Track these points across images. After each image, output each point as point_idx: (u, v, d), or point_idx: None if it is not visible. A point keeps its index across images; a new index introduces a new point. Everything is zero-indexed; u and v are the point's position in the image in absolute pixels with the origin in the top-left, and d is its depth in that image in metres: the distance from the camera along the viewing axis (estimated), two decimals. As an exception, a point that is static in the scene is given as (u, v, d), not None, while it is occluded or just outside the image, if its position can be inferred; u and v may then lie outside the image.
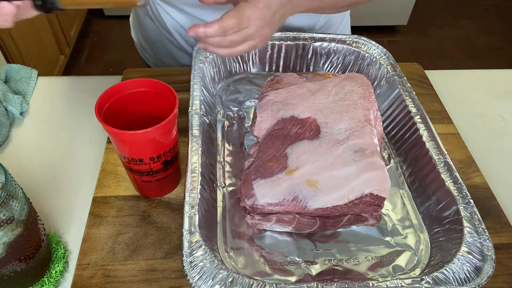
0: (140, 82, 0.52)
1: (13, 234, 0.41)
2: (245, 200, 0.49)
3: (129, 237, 0.53)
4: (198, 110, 0.58)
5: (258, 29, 0.48)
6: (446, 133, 0.69)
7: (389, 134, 0.66)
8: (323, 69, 0.75)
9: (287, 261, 0.50)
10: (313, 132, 0.54)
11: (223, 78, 0.73)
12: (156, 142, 0.49)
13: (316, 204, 0.48)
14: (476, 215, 0.49)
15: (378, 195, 0.48)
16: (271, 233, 0.53)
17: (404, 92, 0.64)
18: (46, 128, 0.68)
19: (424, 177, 0.56)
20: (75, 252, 0.52)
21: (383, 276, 0.49)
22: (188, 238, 0.44)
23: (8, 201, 0.39)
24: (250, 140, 0.63)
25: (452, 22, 2.62)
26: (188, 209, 0.47)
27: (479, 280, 0.43)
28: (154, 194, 0.58)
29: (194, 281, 0.41)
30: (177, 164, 0.56)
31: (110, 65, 2.21)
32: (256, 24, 0.48)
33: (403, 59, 2.26)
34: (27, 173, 0.61)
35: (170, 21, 0.78)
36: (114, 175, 0.60)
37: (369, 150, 0.51)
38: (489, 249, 0.46)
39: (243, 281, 0.42)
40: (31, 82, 0.74)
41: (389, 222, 0.55)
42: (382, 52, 0.71)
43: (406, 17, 2.42)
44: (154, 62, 0.92)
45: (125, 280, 0.49)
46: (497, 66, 2.28)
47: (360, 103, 0.57)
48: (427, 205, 0.55)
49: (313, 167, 0.50)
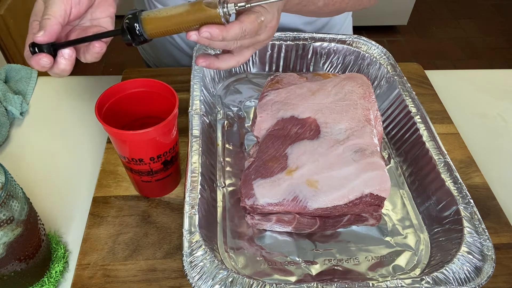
0: (140, 82, 0.52)
1: (13, 234, 0.41)
2: (245, 200, 0.49)
3: (129, 237, 0.53)
4: (198, 110, 0.58)
5: (267, 38, 0.47)
6: (446, 133, 0.69)
7: (389, 134, 0.66)
8: (323, 69, 0.75)
9: (287, 261, 0.50)
10: (313, 132, 0.54)
11: (223, 78, 0.73)
12: (156, 142, 0.49)
13: (316, 204, 0.48)
14: (476, 215, 0.49)
15: (378, 195, 0.48)
16: (271, 233, 0.53)
17: (404, 92, 0.64)
18: (46, 128, 0.68)
19: (424, 177, 0.56)
20: (75, 252, 0.52)
21: (383, 276, 0.49)
22: (188, 238, 0.44)
23: (8, 201, 0.39)
24: (250, 140, 0.63)
25: (452, 22, 2.62)
26: (188, 209, 0.47)
27: (479, 280, 0.43)
28: (154, 194, 0.58)
29: (194, 281, 0.41)
30: (177, 164, 0.56)
31: (110, 65, 2.20)
32: (268, 34, 0.46)
33: (403, 59, 2.26)
34: (27, 173, 0.61)
35: None
36: (114, 175, 0.60)
37: (369, 150, 0.51)
38: (489, 249, 0.46)
39: (243, 281, 0.42)
40: (31, 82, 0.74)
41: (389, 222, 0.55)
42: (382, 52, 0.71)
43: (406, 17, 2.42)
44: (155, 62, 0.92)
45: (125, 280, 0.49)
46: (497, 66, 2.28)
47: (360, 103, 0.57)
48: (427, 205, 0.55)
49: (313, 167, 0.50)
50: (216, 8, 0.40)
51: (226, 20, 0.41)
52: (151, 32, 0.42)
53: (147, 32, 0.42)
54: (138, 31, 0.41)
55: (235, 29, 0.42)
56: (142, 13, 0.42)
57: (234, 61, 0.47)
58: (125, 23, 0.42)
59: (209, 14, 0.40)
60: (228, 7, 0.40)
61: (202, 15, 0.40)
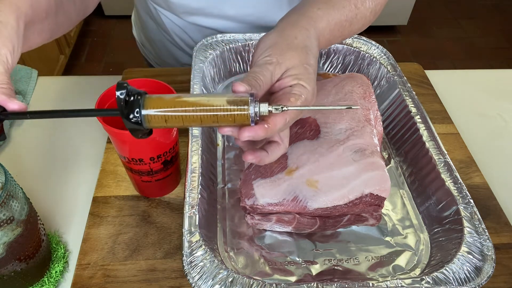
0: (140, 82, 0.52)
1: (13, 234, 0.41)
2: (245, 200, 0.49)
3: (129, 237, 0.53)
4: (198, 110, 0.58)
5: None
6: (446, 133, 0.69)
7: (389, 134, 0.66)
8: (323, 69, 0.75)
9: (287, 261, 0.50)
10: (313, 132, 0.54)
11: (223, 78, 0.73)
12: (156, 142, 0.49)
13: (316, 204, 0.48)
14: (476, 215, 0.49)
15: (378, 195, 0.48)
16: (271, 233, 0.53)
17: (404, 92, 0.64)
18: (46, 128, 0.68)
19: (424, 177, 0.56)
20: (75, 252, 0.52)
21: (383, 276, 0.49)
22: (188, 238, 0.44)
23: (8, 201, 0.39)
24: (250, 140, 0.63)
25: (452, 22, 2.62)
26: (188, 209, 0.47)
27: (479, 280, 0.43)
28: (154, 194, 0.58)
29: (194, 281, 0.41)
30: (177, 164, 0.56)
31: (110, 65, 2.21)
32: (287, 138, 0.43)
33: (403, 59, 2.26)
34: (27, 173, 0.61)
35: (169, 24, 0.78)
36: (114, 175, 0.60)
37: (369, 150, 0.51)
38: (489, 249, 0.46)
39: (243, 281, 0.42)
40: (31, 82, 0.74)
41: (389, 222, 0.55)
42: (382, 52, 0.71)
43: (406, 17, 2.42)
44: (155, 60, 0.92)
45: (125, 280, 0.49)
46: (497, 66, 2.28)
47: (360, 103, 0.57)
48: (427, 205, 0.55)
49: (313, 167, 0.50)
50: (244, 108, 0.35)
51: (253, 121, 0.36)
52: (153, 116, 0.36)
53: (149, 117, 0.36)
54: (137, 112, 0.35)
55: (279, 125, 0.38)
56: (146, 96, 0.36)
57: (282, 150, 0.43)
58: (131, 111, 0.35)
59: (237, 114, 0.35)
60: (260, 107, 0.35)
61: (228, 118, 0.35)
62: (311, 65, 0.42)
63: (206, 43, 0.69)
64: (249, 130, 0.37)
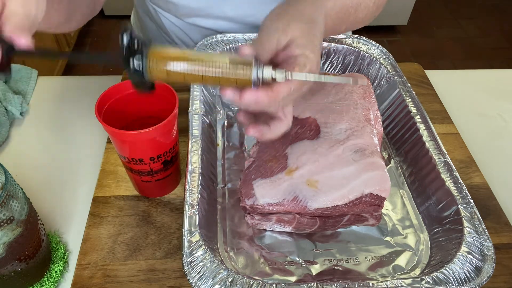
0: (140, 82, 0.52)
1: (13, 234, 0.41)
2: (245, 200, 0.49)
3: (129, 237, 0.53)
4: (198, 110, 0.58)
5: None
6: (446, 133, 0.69)
7: (389, 134, 0.66)
8: (323, 69, 0.75)
9: (287, 261, 0.50)
10: (313, 132, 0.54)
11: (223, 78, 0.73)
12: (156, 142, 0.49)
13: (316, 204, 0.48)
14: (476, 215, 0.49)
15: (378, 195, 0.48)
16: (271, 233, 0.53)
17: (404, 92, 0.64)
18: (46, 128, 0.68)
19: (424, 177, 0.56)
20: (75, 252, 0.52)
21: (383, 276, 0.49)
22: (188, 238, 0.44)
23: (8, 201, 0.39)
24: (250, 140, 0.63)
25: (452, 22, 2.62)
26: (188, 209, 0.47)
27: (479, 280, 0.43)
28: (154, 194, 0.58)
29: (194, 281, 0.41)
30: (177, 164, 0.56)
31: (110, 65, 2.20)
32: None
33: (403, 59, 2.24)
34: (27, 173, 0.61)
35: (169, 25, 0.78)
36: (114, 175, 0.60)
37: (369, 150, 0.51)
38: (489, 249, 0.46)
39: (243, 281, 0.42)
40: (31, 82, 0.74)
41: (389, 222, 0.55)
42: (382, 52, 0.71)
43: (406, 17, 2.42)
44: None
45: (125, 280, 0.49)
46: (497, 66, 2.28)
47: (360, 103, 0.57)
48: (427, 205, 0.55)
49: (313, 167, 0.50)
50: (247, 68, 0.34)
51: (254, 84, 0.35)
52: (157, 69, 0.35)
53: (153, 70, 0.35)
54: (138, 66, 0.35)
55: (283, 93, 0.37)
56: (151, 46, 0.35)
57: (285, 126, 0.42)
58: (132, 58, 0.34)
59: (240, 75, 0.35)
60: (264, 70, 0.35)
61: (231, 78, 0.35)
62: (317, 36, 0.42)
63: (206, 43, 0.69)
64: (251, 93, 0.36)
